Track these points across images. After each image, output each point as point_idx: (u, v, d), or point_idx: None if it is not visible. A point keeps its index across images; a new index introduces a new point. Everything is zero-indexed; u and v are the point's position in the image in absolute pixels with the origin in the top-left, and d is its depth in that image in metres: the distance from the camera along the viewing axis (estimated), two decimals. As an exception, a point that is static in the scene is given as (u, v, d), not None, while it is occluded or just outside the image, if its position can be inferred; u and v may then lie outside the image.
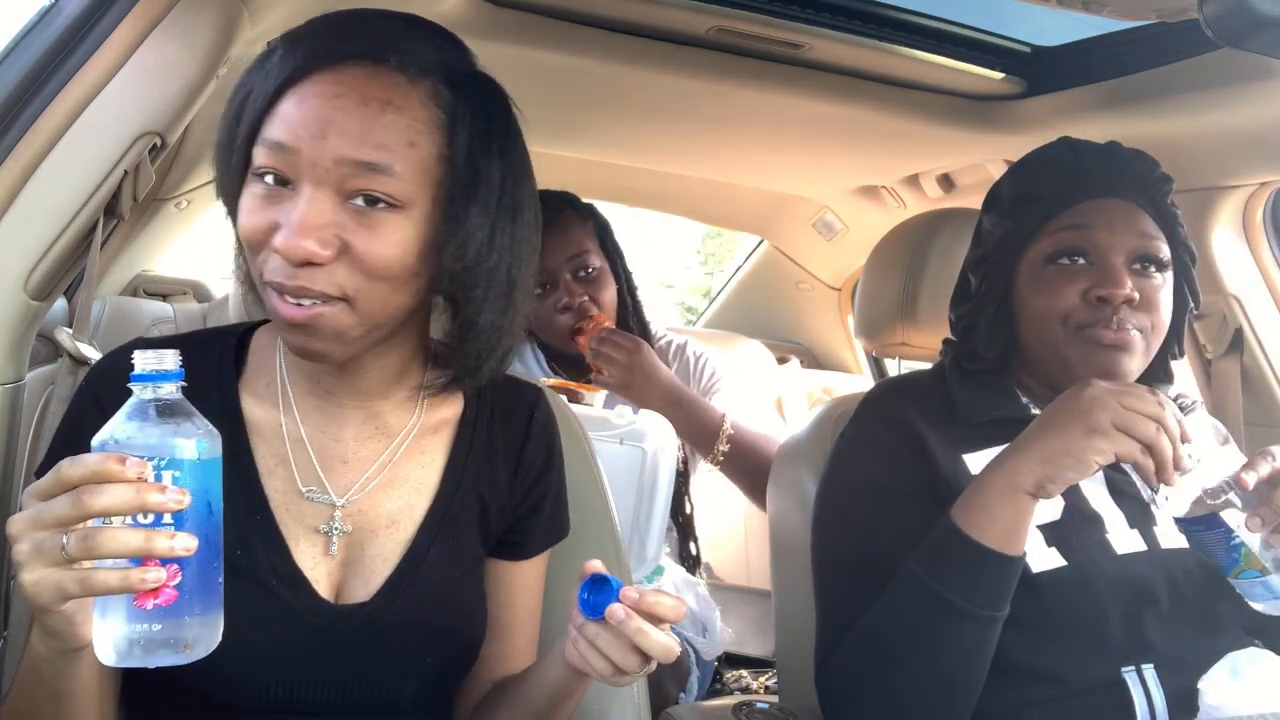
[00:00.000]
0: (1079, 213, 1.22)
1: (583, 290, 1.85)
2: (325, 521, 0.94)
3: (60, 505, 0.66)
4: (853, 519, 1.22)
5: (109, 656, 0.68)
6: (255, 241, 0.84)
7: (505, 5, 1.52)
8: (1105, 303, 1.16)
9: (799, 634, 1.41)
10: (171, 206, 2.80)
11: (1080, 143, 1.27)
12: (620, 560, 1.22)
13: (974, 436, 1.22)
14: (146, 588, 0.66)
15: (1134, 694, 1.09)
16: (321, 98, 0.82)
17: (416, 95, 0.85)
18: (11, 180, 1.05)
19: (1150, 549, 1.16)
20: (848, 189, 2.57)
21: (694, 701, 1.79)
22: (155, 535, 0.66)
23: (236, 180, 0.86)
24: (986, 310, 1.27)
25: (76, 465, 0.66)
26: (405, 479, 0.98)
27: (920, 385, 1.32)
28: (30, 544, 0.67)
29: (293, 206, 0.81)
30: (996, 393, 1.26)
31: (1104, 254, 1.19)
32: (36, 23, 1.10)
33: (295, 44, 0.85)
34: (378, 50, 0.84)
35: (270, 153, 0.83)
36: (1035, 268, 1.23)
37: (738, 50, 1.65)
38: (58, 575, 0.66)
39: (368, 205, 0.82)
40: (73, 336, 1.15)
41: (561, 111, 2.03)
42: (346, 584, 0.94)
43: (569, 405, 1.28)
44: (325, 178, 0.81)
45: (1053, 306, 1.20)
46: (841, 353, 3.16)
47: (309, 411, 0.96)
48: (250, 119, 0.84)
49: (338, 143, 0.81)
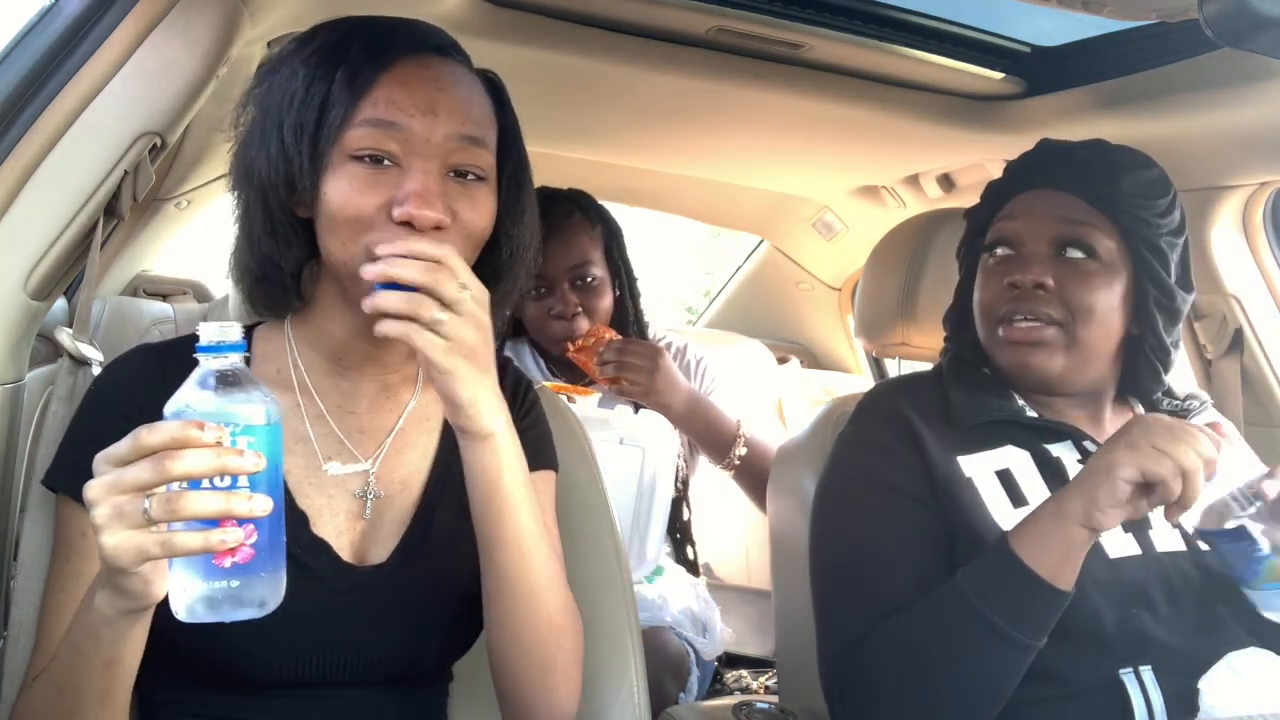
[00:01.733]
0: (1011, 205, 1.25)
1: (578, 299, 1.84)
2: (360, 487, 0.99)
3: (141, 470, 0.68)
4: (852, 517, 1.22)
5: (184, 613, 0.71)
6: (365, 219, 0.88)
7: (505, 5, 1.52)
8: (1016, 288, 1.18)
9: (799, 634, 1.41)
10: (171, 206, 2.80)
11: (1043, 142, 1.29)
12: (620, 560, 1.22)
13: (969, 438, 1.22)
14: (226, 547, 0.69)
15: (1132, 695, 1.09)
16: (424, 80, 0.91)
17: (479, 87, 0.97)
18: (11, 180, 1.05)
19: (1145, 552, 1.16)
20: (848, 189, 2.57)
21: (694, 701, 1.80)
22: (234, 497, 0.69)
23: (320, 163, 0.90)
24: (960, 309, 1.30)
25: (156, 432, 0.69)
26: (414, 444, 1.04)
27: (918, 386, 1.32)
28: (110, 508, 0.69)
29: (403, 180, 0.88)
30: (992, 395, 1.26)
31: (1024, 242, 1.21)
32: (36, 23, 1.10)
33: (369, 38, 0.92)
34: (443, 45, 0.96)
35: (375, 132, 0.89)
36: (981, 266, 1.27)
37: (738, 50, 1.65)
38: (139, 538, 0.68)
39: (459, 178, 0.92)
40: (73, 336, 1.15)
41: (561, 111, 2.03)
42: (368, 550, 0.98)
43: (569, 405, 1.28)
44: (435, 152, 0.90)
45: (982, 298, 1.24)
46: (841, 353, 3.16)
47: (326, 390, 1.01)
48: (344, 103, 0.89)
49: (448, 119, 0.90)
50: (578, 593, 1.15)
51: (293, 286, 0.97)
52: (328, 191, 0.90)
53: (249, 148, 0.94)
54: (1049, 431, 1.23)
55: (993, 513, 1.16)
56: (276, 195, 0.92)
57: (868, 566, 1.16)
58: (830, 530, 1.25)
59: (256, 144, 0.93)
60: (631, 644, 1.18)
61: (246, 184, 0.94)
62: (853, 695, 1.13)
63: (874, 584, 1.13)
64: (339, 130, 0.89)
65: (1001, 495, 1.18)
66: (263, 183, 0.92)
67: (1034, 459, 1.21)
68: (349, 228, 0.89)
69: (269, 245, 0.94)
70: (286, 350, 1.01)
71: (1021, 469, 1.20)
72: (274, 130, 0.91)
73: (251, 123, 0.94)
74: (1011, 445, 1.22)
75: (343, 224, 0.89)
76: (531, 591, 0.93)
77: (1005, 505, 1.17)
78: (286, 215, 0.93)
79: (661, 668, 1.68)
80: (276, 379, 1.00)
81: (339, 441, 0.99)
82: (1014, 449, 1.22)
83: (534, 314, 1.88)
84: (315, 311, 1.00)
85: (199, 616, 0.71)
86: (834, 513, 1.25)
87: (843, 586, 1.19)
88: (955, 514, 1.16)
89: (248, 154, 0.94)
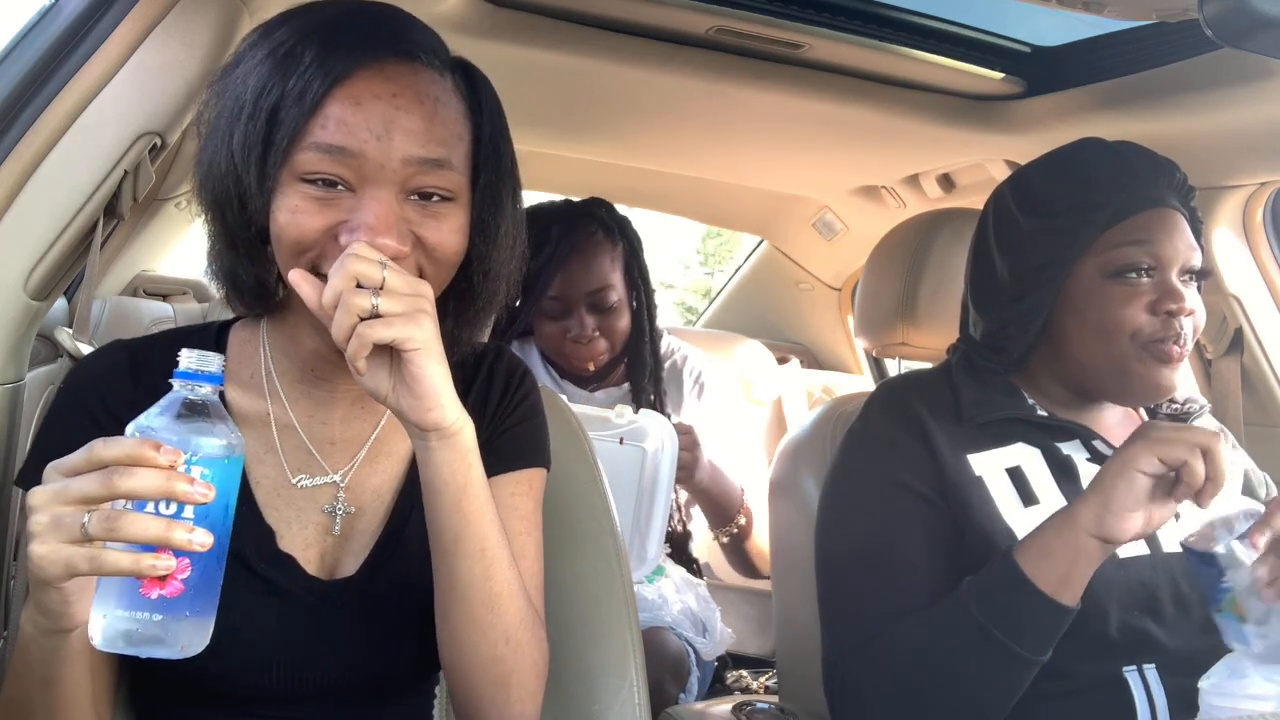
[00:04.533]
0: (1139, 225, 1.18)
1: (596, 323, 1.84)
2: (329, 502, 0.95)
3: (88, 482, 0.67)
4: (861, 514, 1.21)
5: (100, 640, 0.69)
6: (307, 242, 0.83)
7: (505, 5, 1.52)
8: (1172, 317, 1.15)
9: (799, 634, 1.41)
10: (171, 206, 2.80)
11: (1121, 146, 1.24)
12: (620, 560, 1.22)
13: (979, 436, 1.21)
14: (156, 574, 0.67)
15: (1135, 693, 1.09)
16: (380, 98, 0.83)
17: (449, 88, 0.89)
18: (11, 180, 1.05)
19: (1153, 552, 1.16)
20: (848, 189, 2.57)
21: (694, 701, 1.79)
22: (175, 525, 0.67)
23: (267, 184, 0.84)
24: (1028, 315, 1.22)
25: (111, 446, 0.67)
26: (390, 453, 1.00)
27: (928, 383, 1.31)
28: (49, 516, 0.67)
29: (357, 207, 0.83)
30: (1003, 393, 1.25)
31: (1164, 268, 1.17)
32: (36, 23, 1.10)
33: (325, 43, 0.84)
34: (409, 47, 0.87)
35: (326, 158, 0.82)
36: (1093, 280, 1.19)
37: (738, 50, 1.65)
38: (69, 551, 0.67)
39: (423, 200, 0.86)
40: (73, 336, 1.15)
41: (561, 111, 2.02)
42: (338, 562, 0.95)
43: (569, 405, 1.28)
44: (391, 178, 0.83)
45: (1120, 322, 1.17)
46: (841, 353, 3.16)
47: (297, 398, 0.97)
48: (292, 123, 0.82)
49: (404, 143, 0.83)
50: (578, 593, 1.15)
51: (262, 292, 0.93)
52: (275, 212, 0.84)
53: (204, 155, 0.89)
54: (1058, 430, 1.23)
55: (1002, 511, 1.16)
56: (231, 210, 0.87)
57: (878, 565, 1.15)
58: (838, 527, 1.25)
59: (209, 155, 0.88)
60: (631, 644, 1.17)
61: (203, 194, 0.90)
62: (854, 697, 1.13)
63: (883, 583, 1.13)
64: (286, 152, 0.83)
65: (1012, 493, 1.18)
66: (217, 197, 0.87)
67: (1045, 457, 1.21)
68: (291, 250, 0.84)
69: (229, 257, 0.90)
70: (261, 353, 0.98)
71: (1032, 467, 1.20)
72: (224, 143, 0.86)
73: (208, 128, 0.88)
74: (1022, 443, 1.21)
75: (286, 246, 0.84)
76: (491, 601, 0.87)
77: (1015, 504, 1.17)
78: (244, 231, 0.88)
79: (661, 668, 1.68)
80: (250, 383, 0.97)
81: (309, 453, 0.96)
82: (1025, 446, 1.21)
83: (550, 333, 1.87)
84: (289, 318, 0.96)
85: (116, 647, 0.69)
86: (842, 509, 1.25)
87: (850, 585, 1.19)
88: (964, 513, 1.16)
89: (203, 163, 0.89)
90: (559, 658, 1.09)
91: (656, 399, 1.91)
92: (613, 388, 1.95)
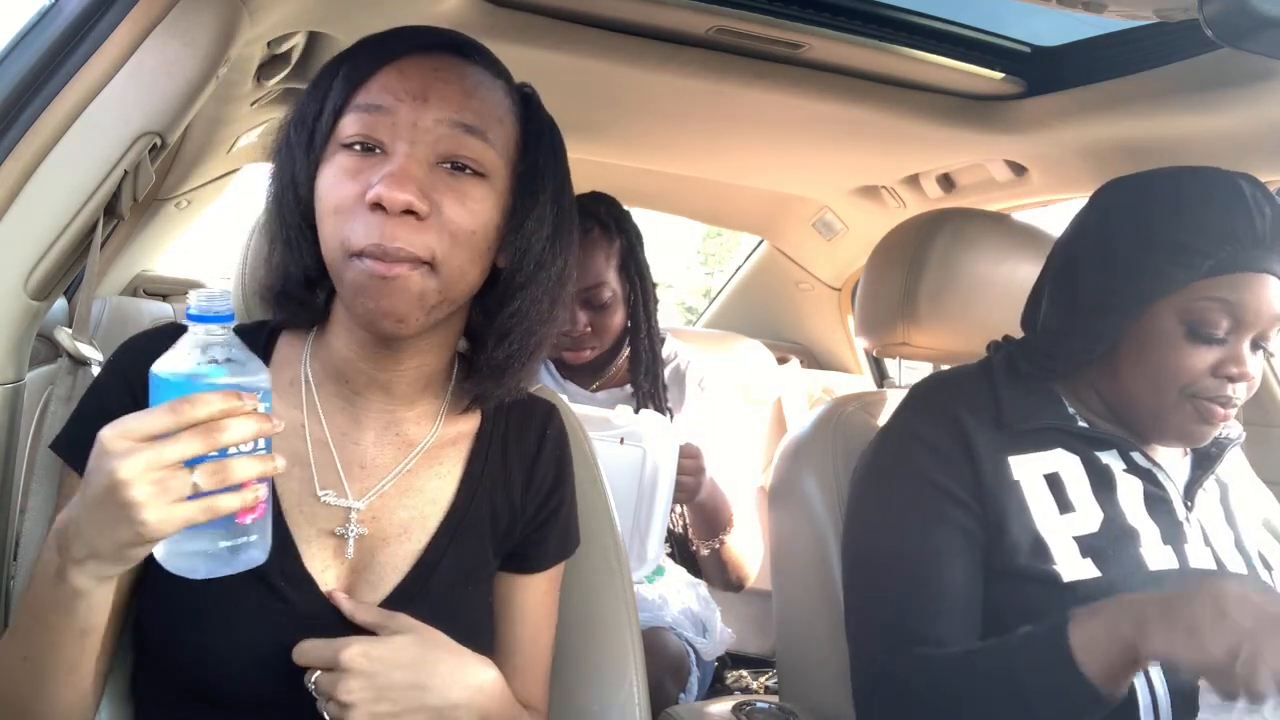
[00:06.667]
0: (1231, 284, 1.12)
1: (589, 319, 1.84)
2: (341, 524, 0.94)
3: (188, 443, 0.70)
4: (896, 516, 1.20)
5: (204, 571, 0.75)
6: (345, 208, 0.85)
7: (505, 5, 1.52)
8: (1230, 381, 1.14)
9: (799, 634, 1.41)
10: (171, 206, 2.80)
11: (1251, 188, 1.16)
12: (620, 560, 1.22)
13: (1018, 440, 1.20)
14: (259, 503, 0.74)
15: (1139, 690, 1.09)
16: (422, 69, 0.88)
17: (499, 88, 0.93)
18: (11, 180, 1.05)
19: (1181, 566, 1.16)
20: (848, 189, 2.57)
21: (694, 701, 1.80)
22: (266, 459, 0.74)
23: (314, 154, 0.88)
24: (1097, 335, 1.19)
25: (201, 405, 0.70)
26: (421, 489, 0.98)
27: (969, 383, 1.28)
28: (152, 484, 0.69)
29: (384, 164, 0.85)
30: (1044, 400, 1.24)
31: (1241, 334, 1.14)
32: (36, 23, 1.10)
33: (381, 38, 0.90)
34: (464, 47, 0.93)
35: (363, 118, 0.86)
36: (1167, 322, 1.15)
37: (738, 50, 1.65)
38: (183, 509, 0.70)
39: (455, 170, 0.87)
40: (73, 336, 1.15)
41: (560, 111, 2.00)
42: (356, 589, 0.94)
43: (569, 405, 1.28)
44: (421, 138, 0.85)
45: (1178, 374, 1.14)
46: (841, 353, 3.16)
47: (333, 414, 0.97)
48: (340, 94, 0.87)
49: (439, 105, 0.86)
50: (578, 593, 1.15)
51: (309, 299, 0.95)
52: (319, 185, 0.88)
53: (274, 156, 0.94)
54: (1097, 440, 1.23)
55: (1035, 517, 1.15)
56: (286, 199, 0.91)
57: (912, 568, 1.14)
58: (871, 527, 1.23)
59: (278, 156, 0.93)
60: (631, 644, 1.18)
61: (267, 196, 0.94)
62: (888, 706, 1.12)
63: (918, 587, 1.12)
64: (333, 120, 0.87)
65: (1048, 499, 1.17)
66: (277, 189, 0.92)
67: (1084, 464, 1.20)
68: (330, 219, 0.86)
69: (283, 253, 0.93)
70: (302, 361, 0.99)
71: (1071, 474, 1.19)
72: (284, 137, 0.92)
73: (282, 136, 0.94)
74: (1062, 449, 1.21)
75: (325, 216, 0.87)
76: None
77: (1051, 510, 1.16)
78: (297, 219, 0.91)
79: (661, 668, 1.68)
80: (288, 392, 0.97)
81: (336, 472, 0.96)
82: (1064, 453, 1.21)
83: None
84: (330, 328, 0.97)
85: (219, 569, 0.75)
86: (875, 509, 1.23)
87: (883, 586, 1.18)
88: (997, 517, 1.15)
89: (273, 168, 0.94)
90: (559, 657, 1.09)
91: (656, 395, 1.91)
92: (615, 388, 1.96)
